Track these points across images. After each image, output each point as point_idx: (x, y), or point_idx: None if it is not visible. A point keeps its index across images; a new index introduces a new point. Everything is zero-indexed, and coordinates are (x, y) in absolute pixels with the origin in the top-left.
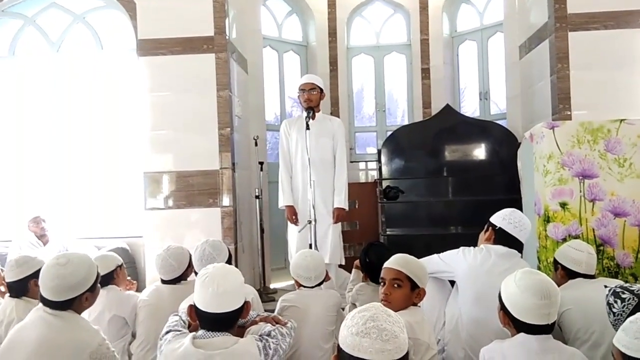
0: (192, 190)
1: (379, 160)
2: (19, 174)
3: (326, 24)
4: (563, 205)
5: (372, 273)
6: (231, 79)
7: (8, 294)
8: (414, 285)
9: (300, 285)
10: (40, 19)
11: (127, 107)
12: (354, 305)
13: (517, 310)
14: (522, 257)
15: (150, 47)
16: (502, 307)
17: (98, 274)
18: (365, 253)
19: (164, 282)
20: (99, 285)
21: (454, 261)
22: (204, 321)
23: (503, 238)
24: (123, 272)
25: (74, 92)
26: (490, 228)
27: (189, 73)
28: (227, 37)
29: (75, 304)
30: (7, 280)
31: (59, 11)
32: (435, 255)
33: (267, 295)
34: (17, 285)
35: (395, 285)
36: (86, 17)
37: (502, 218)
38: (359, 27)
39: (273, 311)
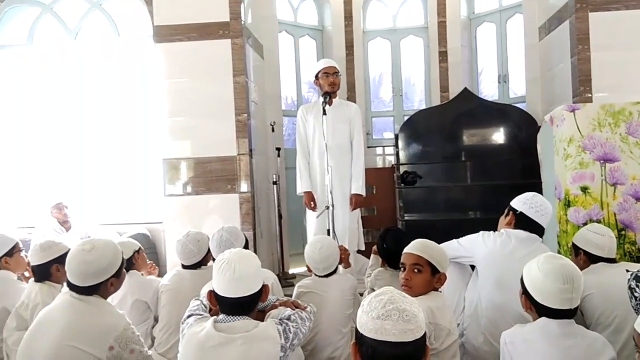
0: (210, 176)
1: (396, 145)
2: (41, 161)
3: (342, 7)
4: (584, 189)
5: (389, 258)
6: (247, 65)
7: (32, 279)
8: (434, 270)
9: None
10: (57, 6)
11: (145, 93)
12: (372, 290)
13: (539, 294)
14: (542, 241)
15: (166, 34)
16: (524, 292)
17: (123, 259)
18: (382, 238)
19: (184, 267)
20: (124, 270)
21: (473, 245)
22: (223, 306)
23: (524, 222)
24: (142, 256)
25: (92, 79)
26: (510, 212)
27: (205, 59)
28: (242, 23)
29: (101, 289)
30: (32, 264)
31: None
32: (454, 240)
33: (286, 280)
34: (40, 270)
35: (416, 271)
36: (103, 4)
37: (522, 202)
38: (375, 11)
39: (292, 296)
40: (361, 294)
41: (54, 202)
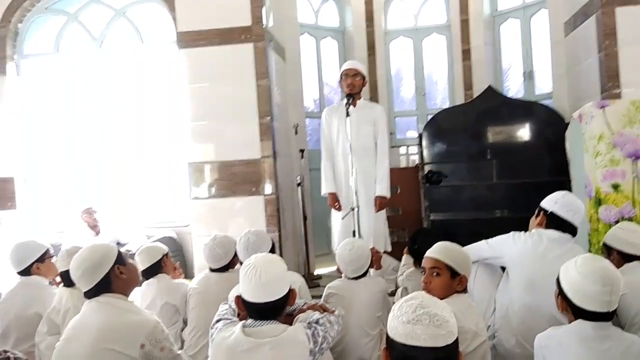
0: (235, 179)
1: (420, 145)
2: (70, 167)
3: (363, 8)
4: (615, 186)
5: (420, 259)
6: (269, 68)
7: (62, 284)
8: (453, 273)
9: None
10: (82, 15)
11: (170, 98)
12: (405, 290)
13: (577, 296)
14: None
15: (189, 39)
16: (561, 293)
17: (119, 250)
18: (413, 239)
19: (212, 270)
20: (130, 260)
21: (503, 246)
22: (251, 311)
23: (555, 222)
24: (170, 260)
25: (118, 85)
26: (541, 213)
27: (227, 63)
28: (264, 26)
29: (113, 283)
30: (59, 269)
31: (100, 7)
32: (483, 241)
33: (312, 281)
34: (69, 275)
35: (435, 274)
36: (126, 11)
37: (553, 202)
38: (397, 10)
39: (319, 297)
40: (389, 294)
41: (84, 206)
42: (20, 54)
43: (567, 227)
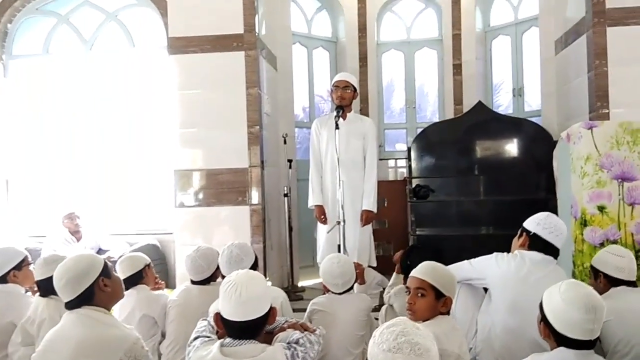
0: (222, 188)
1: (408, 158)
2: (53, 170)
3: (356, 19)
4: (601, 208)
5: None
6: (260, 77)
7: (38, 293)
8: (438, 294)
9: (328, 290)
10: (73, 17)
11: (158, 104)
12: (391, 307)
13: (559, 323)
14: (557, 262)
15: (180, 45)
16: (543, 319)
17: (105, 262)
18: (407, 256)
19: (193, 282)
20: (115, 273)
21: (485, 267)
22: (230, 329)
23: (538, 244)
24: (151, 271)
25: (107, 89)
26: (524, 233)
27: (218, 71)
28: (256, 35)
29: (95, 296)
30: (37, 278)
31: (91, 9)
32: (465, 262)
33: (295, 293)
34: (45, 284)
35: (419, 295)
36: (118, 15)
37: (536, 223)
38: (390, 23)
39: (302, 310)
40: (373, 309)
41: (66, 211)
42: (9, 55)
43: (549, 248)
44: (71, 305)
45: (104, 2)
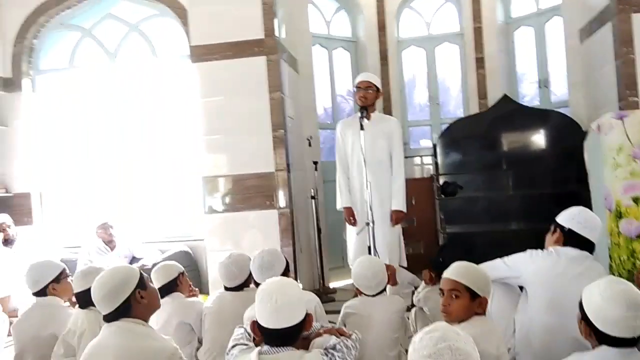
0: (249, 193)
1: (434, 155)
2: (84, 181)
3: (375, 17)
4: (636, 199)
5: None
6: (282, 80)
7: (77, 305)
8: (473, 295)
9: (361, 293)
10: (97, 30)
11: (183, 112)
12: (421, 310)
13: (600, 321)
14: (594, 257)
15: (202, 53)
16: (584, 318)
17: (141, 273)
18: (439, 255)
19: (227, 289)
20: (150, 284)
21: (520, 265)
22: (267, 336)
23: (573, 239)
24: (185, 279)
25: (132, 99)
26: (558, 229)
27: (241, 76)
28: (276, 39)
29: (133, 308)
30: (75, 290)
31: (114, 22)
32: (498, 260)
33: (326, 295)
34: (84, 296)
35: (454, 296)
36: (140, 26)
37: (570, 218)
38: (409, 19)
39: (333, 312)
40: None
41: (99, 222)
42: (36, 70)
43: (585, 244)
44: (109, 318)
45: (127, 14)
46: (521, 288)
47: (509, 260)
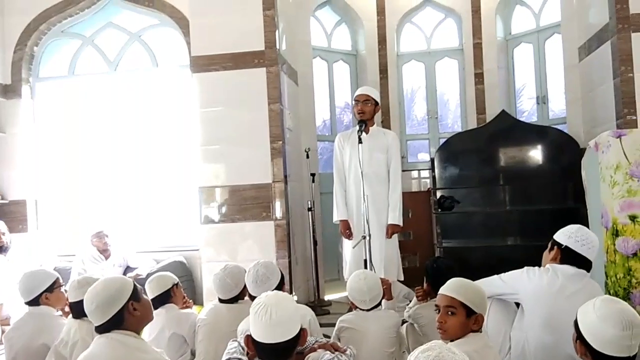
0: (246, 203)
1: (432, 169)
2: (81, 190)
3: (376, 31)
4: (633, 218)
5: (439, 281)
6: (282, 92)
7: (71, 315)
8: (469, 312)
9: (356, 307)
10: (98, 38)
11: (181, 122)
12: (412, 326)
13: (596, 341)
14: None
15: (203, 64)
16: (579, 337)
17: (135, 285)
18: (434, 261)
19: (221, 301)
20: (144, 296)
21: (517, 282)
22: (261, 351)
23: (570, 257)
24: (179, 290)
25: (131, 109)
26: (555, 247)
27: (240, 88)
28: (277, 51)
29: (126, 320)
30: (70, 300)
31: (115, 30)
32: (495, 277)
33: (321, 308)
34: (79, 307)
35: (450, 313)
36: (142, 35)
37: (567, 236)
38: (409, 34)
39: (328, 325)
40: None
41: (94, 230)
42: (36, 77)
43: (582, 262)
44: (101, 329)
45: (128, 23)
46: (517, 304)
47: (506, 277)
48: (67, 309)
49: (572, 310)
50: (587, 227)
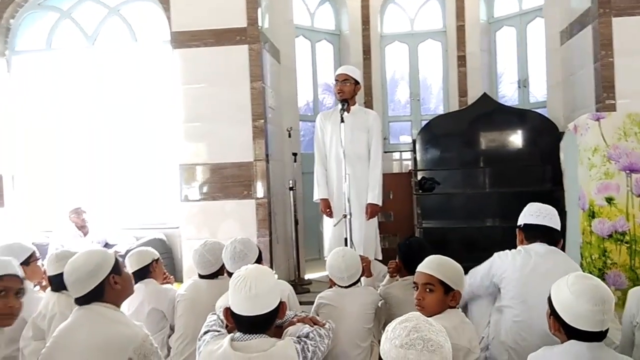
0: (227, 182)
1: (413, 151)
2: (59, 166)
3: (359, 12)
4: (609, 200)
5: (410, 259)
6: (264, 70)
7: (49, 288)
8: (447, 288)
9: (335, 284)
10: (75, 12)
11: (162, 98)
12: (385, 304)
13: (569, 316)
14: (565, 249)
15: (183, 39)
16: (553, 313)
17: (116, 258)
18: (407, 239)
19: (201, 277)
20: (125, 269)
21: (492, 266)
22: (240, 324)
23: (533, 232)
24: (159, 265)
25: (110, 84)
26: (517, 230)
27: (222, 65)
28: (259, 28)
29: (106, 292)
30: (48, 274)
31: (94, 4)
32: (472, 269)
33: (301, 286)
34: (57, 280)
35: (428, 290)
36: (121, 9)
37: (522, 215)
38: (393, 14)
39: (308, 303)
40: None
41: (72, 206)
42: (12, 50)
43: (546, 233)
44: (81, 301)
45: None
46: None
47: (482, 266)
48: (44, 282)
49: (547, 287)
50: (564, 208)
